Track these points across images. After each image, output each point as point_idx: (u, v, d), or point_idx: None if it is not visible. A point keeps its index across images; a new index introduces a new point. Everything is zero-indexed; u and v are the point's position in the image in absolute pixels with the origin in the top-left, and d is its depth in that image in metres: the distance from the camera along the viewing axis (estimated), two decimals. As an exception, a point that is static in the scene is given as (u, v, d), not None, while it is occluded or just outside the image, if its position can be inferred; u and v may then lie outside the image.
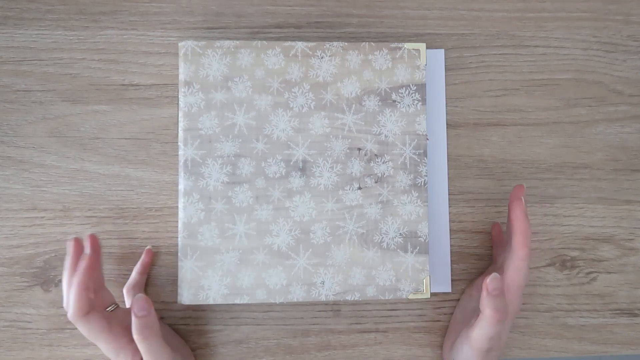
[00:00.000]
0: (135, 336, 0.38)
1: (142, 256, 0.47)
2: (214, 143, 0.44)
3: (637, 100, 0.51)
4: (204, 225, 0.43)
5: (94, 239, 0.42)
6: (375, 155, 0.45)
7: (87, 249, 0.42)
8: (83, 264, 0.39)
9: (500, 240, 0.48)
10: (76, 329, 0.47)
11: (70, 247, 0.42)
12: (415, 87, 0.45)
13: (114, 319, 0.40)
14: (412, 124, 0.45)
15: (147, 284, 0.48)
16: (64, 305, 0.40)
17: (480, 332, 0.39)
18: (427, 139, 0.49)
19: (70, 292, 0.38)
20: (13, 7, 0.49)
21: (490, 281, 0.37)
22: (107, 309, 0.40)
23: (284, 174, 0.44)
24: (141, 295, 0.38)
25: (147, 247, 0.47)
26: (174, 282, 0.48)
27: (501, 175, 0.50)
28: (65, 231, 0.47)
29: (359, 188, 0.45)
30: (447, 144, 0.50)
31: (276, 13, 0.50)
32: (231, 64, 0.44)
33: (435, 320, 0.49)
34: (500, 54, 0.51)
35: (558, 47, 0.51)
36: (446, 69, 0.50)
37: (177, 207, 0.48)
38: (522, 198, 0.41)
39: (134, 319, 0.37)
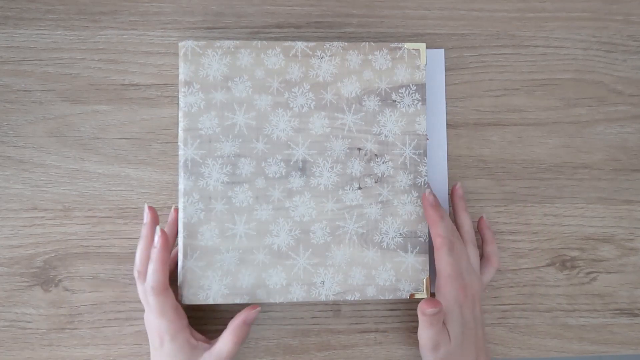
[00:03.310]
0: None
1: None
2: (214, 143, 0.44)
3: (637, 100, 0.51)
4: (204, 225, 0.43)
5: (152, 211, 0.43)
6: (375, 155, 0.45)
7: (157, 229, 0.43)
8: (160, 240, 0.40)
9: None
10: (76, 329, 0.47)
11: (146, 215, 0.43)
12: (415, 87, 0.45)
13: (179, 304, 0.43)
14: (412, 124, 0.45)
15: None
16: (135, 273, 0.43)
17: (420, 332, 0.42)
18: (427, 139, 0.49)
19: (151, 266, 0.40)
20: (13, 7, 0.49)
21: (424, 303, 0.40)
22: None
23: (284, 174, 0.44)
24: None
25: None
26: (174, 282, 0.48)
27: (501, 175, 0.50)
28: (66, 231, 0.47)
29: (359, 188, 0.45)
30: (447, 144, 0.50)
31: (276, 13, 0.50)
32: (231, 64, 0.44)
33: (435, 320, 0.49)
34: (500, 54, 0.51)
35: (558, 47, 0.51)
36: (446, 69, 0.50)
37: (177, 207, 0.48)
38: (427, 191, 0.44)
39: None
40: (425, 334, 0.42)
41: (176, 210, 0.45)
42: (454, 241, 0.43)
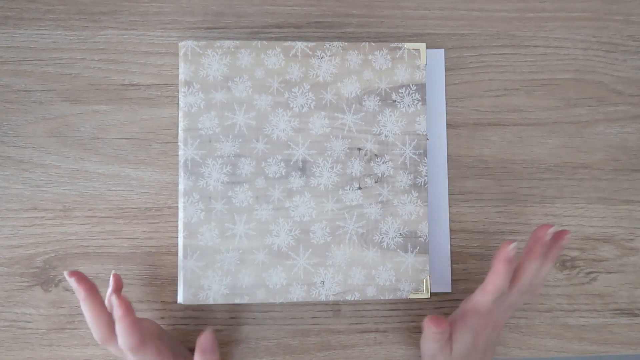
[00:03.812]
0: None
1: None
2: (214, 143, 0.44)
3: (637, 100, 0.51)
4: (204, 225, 0.43)
5: (116, 279, 0.42)
6: (375, 155, 0.45)
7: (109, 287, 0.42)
8: (122, 301, 0.38)
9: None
10: (76, 329, 0.47)
11: (112, 281, 0.41)
12: (415, 87, 0.45)
13: (160, 342, 0.41)
14: (412, 124, 0.45)
15: (147, 284, 0.48)
16: (100, 341, 0.40)
17: (423, 340, 0.43)
18: (427, 139, 0.49)
19: (121, 326, 0.38)
20: (13, 7, 0.49)
21: (431, 320, 0.40)
22: None
23: (284, 174, 0.44)
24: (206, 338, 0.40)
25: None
26: (174, 282, 0.48)
27: (501, 175, 0.50)
28: (66, 231, 0.47)
29: (359, 188, 0.45)
30: (447, 144, 0.50)
31: (276, 13, 0.50)
32: (231, 64, 0.44)
33: (435, 320, 0.49)
34: (500, 54, 0.51)
35: (558, 47, 0.51)
36: (446, 69, 0.50)
37: (177, 207, 0.48)
38: (512, 244, 0.39)
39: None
40: (427, 344, 0.42)
41: (115, 276, 0.42)
42: (504, 292, 0.41)
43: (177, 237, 0.48)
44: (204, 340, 0.40)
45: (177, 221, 0.48)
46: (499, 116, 0.50)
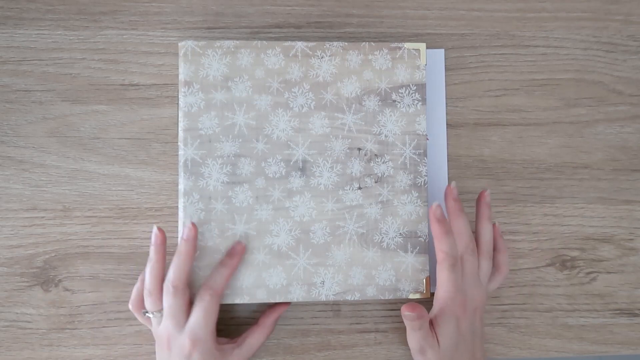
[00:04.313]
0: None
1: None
2: (214, 143, 0.44)
3: (637, 100, 0.51)
4: (204, 225, 0.43)
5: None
6: (375, 155, 0.45)
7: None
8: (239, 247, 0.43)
9: None
10: (76, 329, 0.47)
11: (186, 231, 0.42)
12: (415, 87, 0.45)
13: None
14: (412, 123, 0.45)
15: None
16: (170, 287, 0.41)
17: (407, 334, 0.43)
18: (427, 139, 0.49)
19: (223, 272, 0.42)
20: (13, 7, 0.49)
21: (404, 307, 0.41)
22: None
23: (284, 174, 0.44)
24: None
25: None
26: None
27: (501, 175, 0.50)
28: (66, 231, 0.47)
29: (359, 188, 0.45)
30: (447, 144, 0.50)
31: (276, 13, 0.50)
32: (231, 64, 0.44)
33: (435, 320, 0.49)
34: (500, 54, 0.51)
35: (558, 47, 0.51)
36: (446, 69, 0.50)
37: (177, 207, 0.48)
38: (434, 204, 0.42)
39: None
40: (410, 336, 0.42)
41: (194, 226, 0.43)
42: (457, 257, 0.42)
43: (177, 237, 0.48)
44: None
45: (177, 221, 0.48)
46: (499, 116, 0.50)
